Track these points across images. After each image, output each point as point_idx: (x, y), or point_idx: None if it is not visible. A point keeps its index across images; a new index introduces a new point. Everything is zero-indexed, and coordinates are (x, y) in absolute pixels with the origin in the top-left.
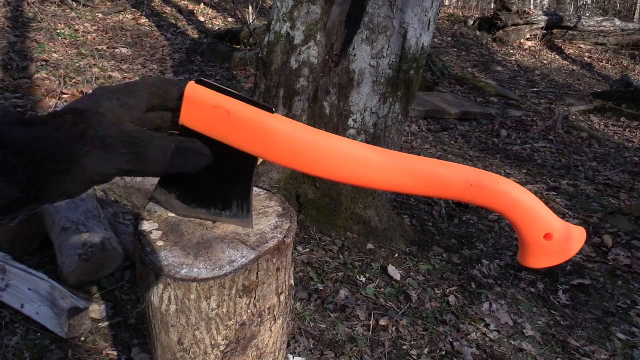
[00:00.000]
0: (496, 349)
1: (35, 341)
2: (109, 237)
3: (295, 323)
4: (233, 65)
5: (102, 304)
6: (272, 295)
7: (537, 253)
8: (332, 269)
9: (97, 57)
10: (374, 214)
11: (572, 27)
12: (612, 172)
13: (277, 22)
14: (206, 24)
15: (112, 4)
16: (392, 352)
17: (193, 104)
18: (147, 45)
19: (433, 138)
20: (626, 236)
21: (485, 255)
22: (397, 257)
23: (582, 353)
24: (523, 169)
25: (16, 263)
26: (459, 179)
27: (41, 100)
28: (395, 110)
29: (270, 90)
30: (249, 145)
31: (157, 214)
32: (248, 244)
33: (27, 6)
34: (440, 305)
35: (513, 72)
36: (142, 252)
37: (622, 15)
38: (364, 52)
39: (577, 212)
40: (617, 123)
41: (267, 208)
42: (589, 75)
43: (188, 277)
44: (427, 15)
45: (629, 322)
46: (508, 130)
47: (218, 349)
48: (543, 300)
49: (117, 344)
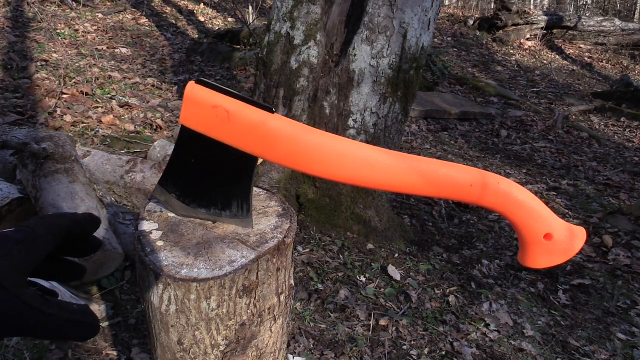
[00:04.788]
0: (496, 349)
1: (35, 341)
2: (109, 237)
3: (295, 323)
4: (233, 65)
5: (102, 304)
6: (272, 295)
7: (537, 253)
8: (332, 269)
9: (97, 57)
10: (374, 214)
11: (572, 27)
12: (612, 172)
13: (277, 22)
14: (206, 24)
15: (112, 4)
16: (392, 352)
17: (193, 104)
18: (147, 45)
19: (433, 138)
20: (626, 236)
21: (485, 255)
22: (397, 257)
23: (582, 353)
24: (523, 169)
25: None
26: (460, 179)
27: (41, 100)
28: (395, 110)
29: (270, 90)
30: (249, 145)
31: (157, 214)
32: (248, 244)
33: (27, 6)
34: (440, 305)
35: (513, 72)
36: (142, 252)
37: (622, 15)
38: (364, 52)
39: (577, 212)
40: (617, 123)
41: (267, 208)
42: (589, 75)
43: (188, 277)
44: (427, 15)
45: (629, 322)
46: (508, 130)
47: (218, 349)
48: (543, 300)
49: (117, 344)
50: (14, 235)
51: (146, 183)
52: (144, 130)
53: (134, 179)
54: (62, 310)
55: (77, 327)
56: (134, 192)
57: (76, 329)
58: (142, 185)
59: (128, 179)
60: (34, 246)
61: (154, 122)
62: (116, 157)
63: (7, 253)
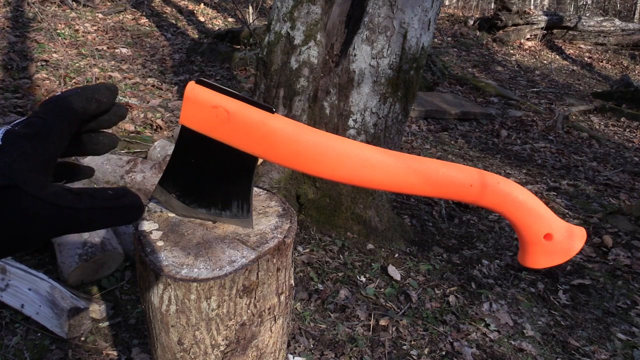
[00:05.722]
0: (496, 349)
1: (35, 341)
2: (109, 237)
3: (295, 323)
4: (233, 65)
5: (102, 304)
6: (272, 295)
7: (537, 253)
8: (332, 269)
9: (97, 57)
10: (374, 214)
11: (572, 27)
12: (612, 172)
13: (277, 22)
14: (206, 24)
15: (112, 4)
16: (392, 352)
17: (193, 104)
18: (147, 45)
19: (433, 138)
20: (626, 236)
21: (485, 255)
22: (397, 257)
23: (582, 353)
24: (523, 169)
25: (16, 263)
26: (459, 179)
27: (41, 100)
28: (395, 110)
29: (270, 90)
30: (248, 145)
31: (157, 214)
32: (248, 244)
33: (27, 6)
34: (440, 305)
35: (513, 72)
36: (142, 252)
37: (622, 15)
38: (364, 52)
39: (577, 212)
40: (617, 123)
41: (267, 208)
42: (589, 75)
43: (188, 277)
44: (427, 15)
45: (629, 322)
46: (508, 130)
47: (218, 349)
48: (543, 300)
49: (117, 344)
50: (24, 131)
51: (146, 183)
52: (144, 130)
53: (134, 179)
54: (96, 199)
55: (116, 213)
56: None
57: (116, 215)
58: (142, 185)
59: (128, 179)
60: (50, 139)
61: (154, 122)
62: (116, 157)
63: (21, 153)
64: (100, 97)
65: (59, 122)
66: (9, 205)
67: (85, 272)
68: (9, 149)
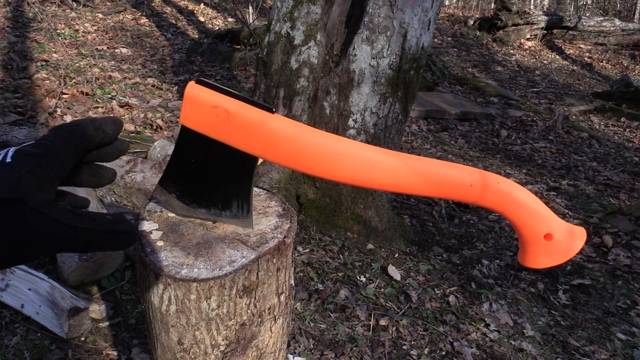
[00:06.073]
0: (496, 349)
1: (35, 341)
2: None
3: (295, 323)
4: (233, 65)
5: (102, 304)
6: (272, 295)
7: (537, 253)
8: (332, 269)
9: (97, 57)
10: (374, 214)
11: (572, 27)
12: (612, 172)
13: (277, 22)
14: (206, 24)
15: (112, 4)
16: (392, 352)
17: (193, 104)
18: (147, 45)
19: (433, 138)
20: (626, 236)
21: (485, 255)
22: (397, 257)
23: (582, 353)
24: (523, 169)
25: None
26: (459, 179)
27: (41, 100)
28: (395, 110)
29: (270, 90)
30: (249, 145)
31: (157, 214)
32: (248, 244)
33: (27, 6)
34: (440, 305)
35: (513, 72)
36: (142, 252)
37: (622, 15)
38: (364, 52)
39: (577, 212)
40: (617, 123)
41: (267, 208)
42: (589, 75)
43: (188, 277)
44: (427, 15)
45: (629, 322)
46: (508, 130)
47: (218, 349)
48: (543, 300)
49: (117, 344)
50: (34, 151)
51: (146, 183)
52: (144, 130)
53: (134, 178)
54: (95, 222)
55: (113, 237)
56: (134, 192)
57: (112, 240)
58: (142, 185)
59: (128, 178)
60: (56, 160)
61: (154, 122)
62: None
63: (29, 170)
64: (107, 129)
65: (66, 145)
66: (14, 217)
67: (85, 272)
68: (18, 166)
